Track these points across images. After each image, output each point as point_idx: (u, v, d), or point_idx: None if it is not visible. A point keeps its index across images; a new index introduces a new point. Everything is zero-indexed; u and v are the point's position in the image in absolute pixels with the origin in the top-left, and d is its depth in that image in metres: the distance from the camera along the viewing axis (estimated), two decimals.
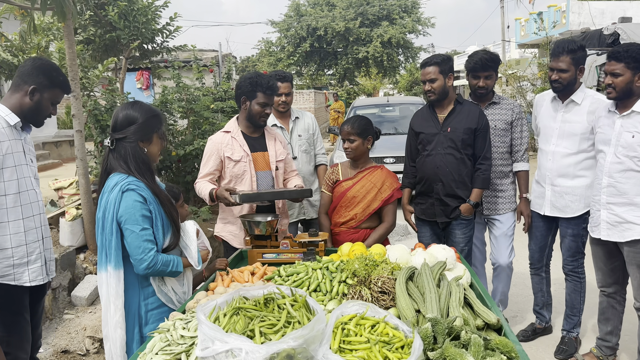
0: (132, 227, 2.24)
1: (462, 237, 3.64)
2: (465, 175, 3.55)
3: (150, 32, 8.98)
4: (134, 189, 2.26)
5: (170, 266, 2.32)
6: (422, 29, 27.99)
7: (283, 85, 3.90)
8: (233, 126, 3.44)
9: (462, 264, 2.57)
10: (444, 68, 3.49)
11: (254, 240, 2.98)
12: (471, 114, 3.55)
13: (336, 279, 2.33)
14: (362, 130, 3.31)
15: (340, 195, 3.36)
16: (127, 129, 2.33)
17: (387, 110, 10.65)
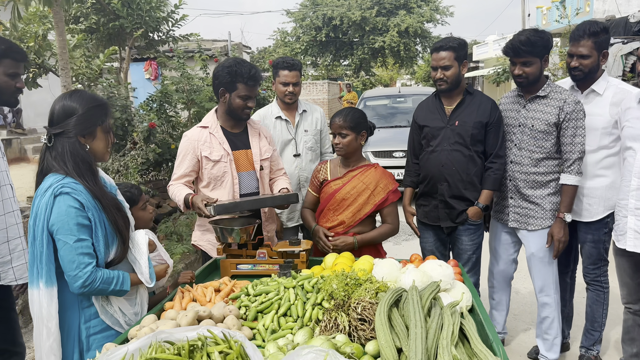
0: (65, 237, 1.90)
1: (470, 244, 3.25)
2: (473, 175, 3.15)
3: (154, 21, 8.70)
4: (68, 192, 1.93)
5: (113, 284, 1.98)
6: (441, 18, 27.36)
7: (291, 74, 3.53)
8: (211, 120, 3.03)
9: (462, 283, 2.20)
10: (460, 54, 3.08)
11: (227, 248, 2.63)
12: (482, 105, 3.14)
13: (310, 301, 1.98)
14: (356, 124, 2.92)
15: (328, 197, 2.98)
16: (66, 122, 1.99)
17: (398, 101, 10.21)
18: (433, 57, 3.13)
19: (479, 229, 3.27)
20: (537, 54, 2.99)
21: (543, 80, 3.10)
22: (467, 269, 3.29)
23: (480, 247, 3.33)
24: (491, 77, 19.93)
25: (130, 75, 14.52)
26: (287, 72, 3.52)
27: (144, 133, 6.40)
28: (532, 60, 3.00)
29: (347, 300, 1.91)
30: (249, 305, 2.03)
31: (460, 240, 3.27)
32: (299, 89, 3.62)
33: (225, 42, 14.70)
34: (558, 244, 3.08)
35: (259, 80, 2.94)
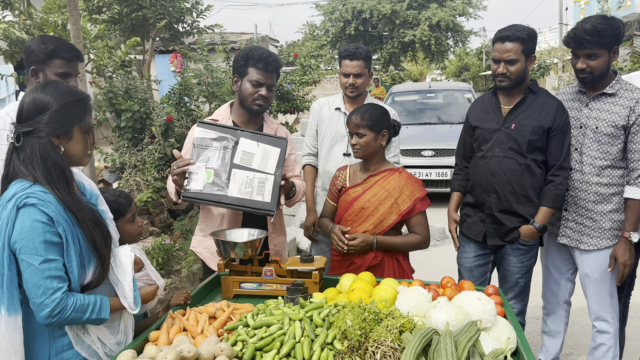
0: (30, 258, 1.59)
1: (519, 266, 2.81)
2: (529, 187, 2.71)
3: (178, 11, 8.48)
4: (34, 203, 1.61)
5: (89, 312, 1.66)
6: (474, 11, 26.55)
7: (352, 63, 3.10)
8: (223, 114, 2.73)
9: (504, 319, 1.83)
10: (529, 46, 2.65)
11: (230, 264, 2.30)
12: (546, 107, 2.70)
13: (319, 340, 1.63)
14: (375, 122, 2.54)
15: (347, 206, 2.62)
16: (37, 119, 1.68)
17: (429, 97, 9.75)
18: (496, 47, 2.70)
19: (532, 249, 2.82)
20: (605, 45, 2.55)
21: (611, 75, 2.65)
22: (513, 295, 2.88)
23: (530, 271, 2.88)
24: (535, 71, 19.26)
25: (156, 68, 14.44)
26: (348, 62, 3.11)
27: (162, 127, 6.16)
28: (599, 52, 2.57)
29: (364, 342, 1.56)
30: (246, 340, 1.69)
31: (507, 260, 2.84)
32: (363, 81, 3.15)
33: (252, 35, 14.44)
34: (623, 267, 2.63)
35: (272, 65, 2.57)
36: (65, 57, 2.36)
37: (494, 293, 2.09)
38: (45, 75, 2.35)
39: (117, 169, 6.77)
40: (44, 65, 2.35)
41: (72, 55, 2.40)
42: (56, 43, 2.37)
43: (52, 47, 2.35)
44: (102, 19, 8.35)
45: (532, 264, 2.86)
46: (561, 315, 3.05)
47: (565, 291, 3.00)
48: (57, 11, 6.88)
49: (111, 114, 6.44)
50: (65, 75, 2.37)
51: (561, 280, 2.98)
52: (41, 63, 2.35)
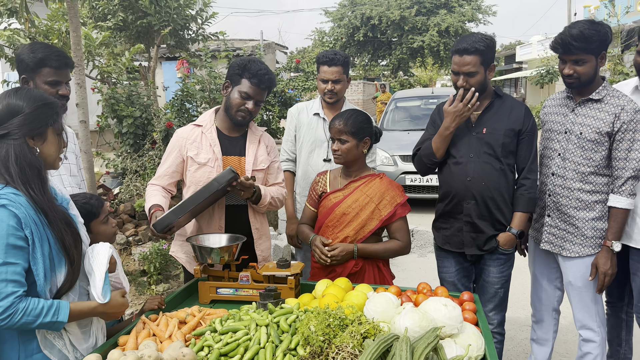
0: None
1: (498, 276, 2.77)
2: (506, 193, 2.69)
3: (182, 19, 8.56)
4: (4, 204, 1.63)
5: (42, 315, 1.64)
6: (483, 17, 26.52)
7: (330, 69, 3.10)
8: (207, 120, 2.70)
9: (473, 326, 1.81)
10: (487, 57, 2.60)
11: (207, 269, 2.31)
12: (515, 111, 2.69)
13: (283, 346, 1.64)
14: (358, 129, 2.54)
15: (327, 212, 2.61)
16: (10, 122, 1.71)
17: (432, 102, 9.71)
18: (454, 59, 2.64)
19: (510, 259, 2.79)
20: (592, 50, 2.51)
21: (599, 81, 2.62)
22: (492, 306, 2.84)
23: (509, 281, 2.85)
24: (534, 78, 19.16)
25: (162, 74, 14.58)
26: (327, 68, 3.11)
27: (163, 133, 6.21)
28: (586, 57, 2.52)
29: (326, 347, 1.56)
30: (212, 345, 1.70)
31: (486, 271, 2.79)
32: (342, 86, 3.16)
33: (258, 41, 14.51)
34: (604, 277, 2.57)
35: (265, 82, 2.57)
36: (54, 65, 2.34)
37: (469, 300, 2.08)
38: (35, 83, 2.35)
39: (118, 175, 6.84)
40: (33, 74, 2.35)
41: (61, 62, 2.38)
42: (45, 51, 2.36)
43: (40, 55, 2.33)
44: (107, 26, 8.45)
45: (510, 274, 2.84)
46: (550, 323, 3.01)
47: (553, 299, 2.96)
48: (61, 19, 6.98)
49: (113, 120, 6.52)
50: (54, 84, 2.36)
51: (549, 287, 2.94)
52: (31, 72, 2.35)
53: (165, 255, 5.01)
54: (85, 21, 8.65)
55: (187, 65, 11.91)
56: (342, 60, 3.11)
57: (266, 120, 7.85)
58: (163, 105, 7.60)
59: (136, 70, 8.38)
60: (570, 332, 3.95)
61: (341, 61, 3.10)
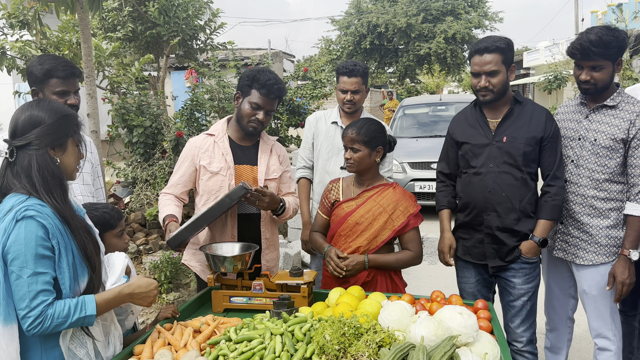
0: (20, 270, 1.63)
1: (524, 287, 2.66)
2: (527, 202, 2.61)
3: (191, 29, 8.63)
4: (32, 215, 1.66)
5: (71, 315, 1.67)
6: (490, 24, 26.51)
7: (349, 80, 3.11)
8: (220, 129, 2.75)
9: (488, 334, 1.81)
10: (508, 56, 2.56)
11: (220, 278, 2.32)
12: (535, 117, 2.60)
13: (298, 355, 1.64)
14: (371, 137, 2.54)
15: (340, 221, 2.60)
16: (32, 133, 1.74)
17: (439, 109, 9.72)
18: (475, 60, 2.58)
19: (535, 269, 2.66)
20: (610, 56, 2.48)
21: (613, 87, 2.60)
22: (520, 321, 2.71)
23: (536, 294, 2.72)
24: (542, 84, 19.10)
25: (171, 84, 14.68)
26: (346, 79, 3.12)
27: (172, 142, 6.25)
28: (603, 64, 2.49)
29: (342, 356, 1.56)
30: (227, 354, 1.71)
31: (510, 283, 2.68)
32: (360, 97, 3.18)
33: (266, 50, 14.59)
34: (621, 286, 2.52)
35: (274, 92, 2.61)
36: (61, 76, 2.39)
37: (483, 308, 2.07)
38: (44, 94, 2.39)
39: (129, 184, 6.88)
40: (42, 85, 2.39)
41: (68, 72, 2.41)
42: (52, 62, 2.39)
43: (47, 66, 2.37)
44: (117, 36, 8.54)
45: (537, 285, 2.71)
46: (564, 331, 2.99)
47: (567, 307, 2.93)
48: (72, 30, 7.06)
49: (123, 129, 6.57)
50: (62, 94, 2.39)
51: (562, 296, 2.91)
52: (40, 83, 2.39)
53: (175, 264, 5.03)
54: (96, 32, 8.74)
55: (196, 75, 12.01)
56: (362, 71, 3.12)
57: (274, 128, 7.88)
58: (172, 114, 7.67)
59: (146, 80, 8.45)
60: (584, 340, 3.92)
61: (361, 72, 3.11)
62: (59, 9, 5.27)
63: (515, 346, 2.74)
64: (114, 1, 8.36)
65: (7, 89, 11.46)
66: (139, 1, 8.36)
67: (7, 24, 6.41)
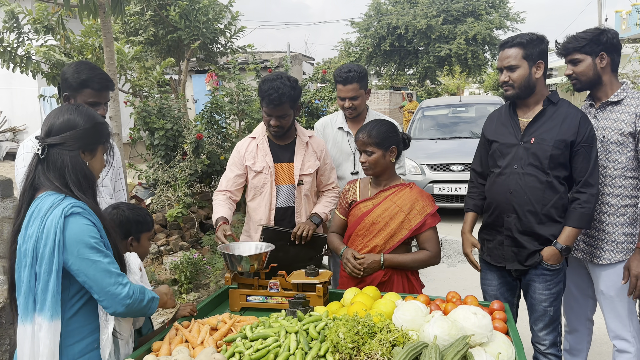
0: (93, 256, 1.71)
1: (546, 293, 2.60)
2: (552, 207, 2.53)
3: (211, 32, 8.73)
4: (79, 212, 1.74)
5: (146, 294, 1.82)
6: (511, 24, 26.20)
7: (345, 88, 3.12)
8: (260, 132, 3.03)
9: (503, 335, 1.80)
10: (531, 52, 2.51)
11: (238, 277, 2.35)
12: (568, 120, 2.51)
13: (312, 353, 1.66)
14: (382, 139, 2.54)
15: (357, 221, 2.61)
16: (67, 134, 1.81)
17: (459, 111, 9.65)
18: (499, 56, 2.62)
19: (558, 274, 2.59)
20: (585, 49, 2.57)
21: (612, 83, 2.61)
22: (542, 325, 2.66)
23: (559, 299, 2.65)
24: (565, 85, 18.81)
25: (192, 87, 14.85)
26: (342, 87, 3.14)
27: (193, 144, 6.33)
28: (580, 57, 2.59)
29: (356, 355, 1.58)
30: (243, 352, 1.74)
31: (532, 287, 2.63)
32: (360, 102, 3.18)
33: (285, 53, 14.68)
34: (635, 280, 2.47)
35: (275, 101, 2.78)
36: (95, 88, 2.47)
37: (499, 309, 2.07)
38: (76, 102, 2.46)
39: (150, 186, 6.98)
40: (75, 93, 2.46)
41: (102, 86, 2.50)
42: (89, 73, 2.47)
43: (84, 77, 2.45)
44: (139, 40, 8.68)
45: (561, 291, 2.64)
46: (583, 333, 2.95)
47: (585, 308, 2.90)
48: (94, 34, 7.20)
49: (145, 132, 6.67)
50: (94, 104, 2.46)
51: (581, 297, 2.88)
52: (74, 90, 2.46)
53: (195, 264, 5.10)
54: (118, 36, 8.90)
55: (216, 78, 12.15)
56: (357, 77, 3.10)
57: None
58: (193, 117, 7.75)
59: (167, 84, 8.57)
60: (605, 343, 3.86)
61: (356, 78, 3.10)
62: (82, 14, 5.39)
63: (539, 348, 2.71)
64: (136, 5, 8.49)
65: (32, 93, 11.73)
66: (160, 5, 8.49)
67: (32, 29, 6.56)
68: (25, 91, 14.40)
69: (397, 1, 27.16)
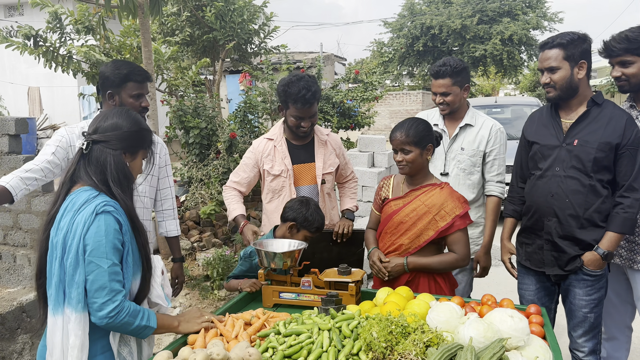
0: (100, 260, 1.73)
1: (586, 299, 2.52)
2: (594, 211, 2.45)
3: (246, 33, 8.82)
4: (110, 211, 1.78)
5: (139, 318, 1.78)
6: (549, 25, 25.61)
7: (437, 82, 2.96)
8: (277, 133, 2.99)
9: (540, 339, 1.76)
10: (572, 52, 2.45)
11: (271, 274, 2.38)
12: (613, 121, 2.44)
13: (345, 351, 1.66)
14: (420, 137, 2.51)
15: (387, 219, 2.61)
16: (112, 133, 1.88)
17: (494, 112, 9.47)
18: (539, 57, 2.56)
19: (599, 280, 2.52)
20: (636, 51, 2.47)
21: None
22: (582, 332, 2.59)
23: (601, 305, 2.57)
24: (604, 87, 18.28)
25: (226, 87, 15.03)
26: (434, 81, 2.98)
27: (226, 143, 6.42)
28: (631, 59, 2.49)
29: (389, 354, 1.57)
30: (276, 347, 1.75)
31: (572, 293, 2.57)
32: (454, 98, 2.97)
33: (317, 53, 14.71)
34: None
35: (309, 101, 2.78)
36: (138, 80, 2.53)
37: (535, 313, 2.03)
38: (120, 97, 2.53)
39: (185, 183, 7.10)
40: (119, 89, 2.52)
41: (143, 77, 2.57)
42: (128, 67, 2.54)
43: (125, 71, 2.51)
44: (175, 41, 8.83)
45: (602, 297, 2.56)
46: (622, 340, 2.87)
47: (624, 315, 2.82)
48: (133, 34, 7.36)
49: (180, 131, 6.79)
50: (138, 96, 2.54)
51: (620, 303, 2.80)
52: (116, 87, 2.52)
53: (227, 261, 5.16)
54: (155, 36, 9.08)
55: (250, 78, 12.26)
56: (450, 71, 2.93)
57: None
58: (226, 116, 7.85)
59: (202, 84, 8.70)
60: None
61: (448, 72, 2.93)
62: (121, 15, 5.53)
63: (577, 355, 2.63)
64: (173, 6, 8.65)
65: (72, 92, 12.07)
66: (197, 6, 8.62)
67: (73, 29, 6.75)
68: (65, 90, 14.86)
69: (432, 1, 26.87)
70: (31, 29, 6.30)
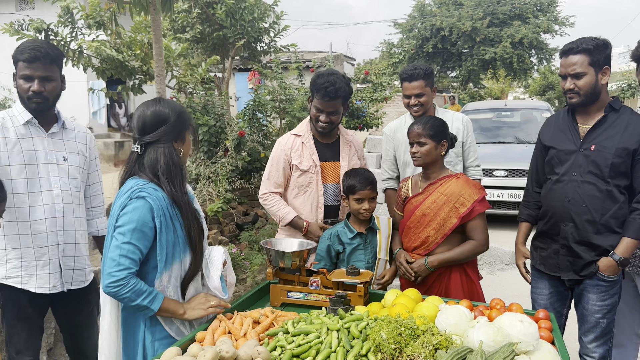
0: (119, 236, 1.89)
1: (599, 304, 2.51)
2: (611, 217, 2.45)
3: (256, 31, 8.83)
4: (144, 196, 1.91)
5: (142, 297, 1.88)
6: (560, 28, 25.46)
7: (411, 85, 3.10)
8: (304, 130, 3.04)
9: (549, 344, 1.75)
10: (597, 58, 2.43)
11: (279, 272, 2.38)
12: (631, 127, 2.44)
13: (354, 351, 1.66)
14: (436, 132, 2.60)
15: (409, 215, 2.68)
16: (160, 131, 1.98)
17: (504, 115, 9.42)
18: (561, 62, 2.53)
19: (614, 286, 2.51)
20: None
21: None
22: (593, 337, 2.57)
23: (613, 311, 2.56)
24: (615, 92, 18.20)
25: (235, 85, 15.05)
26: (407, 84, 3.12)
27: (235, 141, 6.43)
28: None
29: (398, 356, 1.57)
30: (285, 346, 1.75)
31: (586, 298, 2.56)
32: (426, 99, 3.12)
33: (327, 53, 14.71)
34: None
35: (330, 95, 2.79)
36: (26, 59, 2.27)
37: (544, 318, 2.02)
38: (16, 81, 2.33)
39: (192, 180, 7.12)
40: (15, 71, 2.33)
41: (33, 55, 2.26)
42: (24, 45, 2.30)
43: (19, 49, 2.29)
44: (186, 37, 8.85)
45: (615, 303, 2.55)
46: (630, 347, 2.85)
47: (632, 322, 2.80)
48: (144, 30, 7.38)
49: None
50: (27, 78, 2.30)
51: (628, 310, 2.78)
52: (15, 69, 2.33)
53: (233, 259, 5.17)
54: (165, 33, 9.10)
55: (259, 76, 12.28)
56: (423, 74, 3.08)
57: None
58: (235, 114, 7.86)
59: (211, 81, 8.72)
60: None
61: (421, 75, 3.08)
62: (133, 10, 5.55)
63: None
64: (184, 3, 8.67)
65: (82, 86, 12.14)
66: (208, 4, 8.64)
67: (84, 24, 6.78)
68: (75, 84, 14.91)
69: (442, 2, 26.80)
70: (43, 22, 6.33)
